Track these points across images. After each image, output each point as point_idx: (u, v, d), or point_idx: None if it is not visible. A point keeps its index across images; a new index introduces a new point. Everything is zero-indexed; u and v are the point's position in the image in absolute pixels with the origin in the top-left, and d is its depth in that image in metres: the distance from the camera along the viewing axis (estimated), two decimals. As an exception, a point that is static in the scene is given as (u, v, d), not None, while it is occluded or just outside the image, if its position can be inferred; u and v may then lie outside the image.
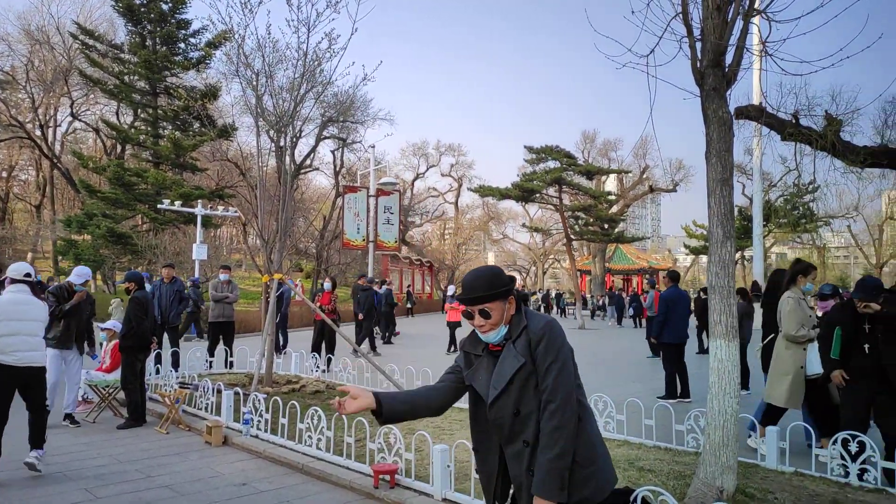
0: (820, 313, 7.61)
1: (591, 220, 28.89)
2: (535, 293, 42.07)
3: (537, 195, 26.26)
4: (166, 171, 27.18)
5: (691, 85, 5.08)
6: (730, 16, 4.74)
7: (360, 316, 14.99)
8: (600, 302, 35.78)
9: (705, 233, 39.75)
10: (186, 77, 28.67)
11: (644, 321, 25.65)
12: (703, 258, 47.65)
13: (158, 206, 22.03)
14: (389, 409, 2.37)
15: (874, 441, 5.21)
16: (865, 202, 43.14)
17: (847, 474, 5.19)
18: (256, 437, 6.67)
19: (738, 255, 41.41)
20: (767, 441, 5.72)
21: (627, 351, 17.91)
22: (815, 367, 6.21)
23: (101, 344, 9.23)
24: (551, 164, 27.17)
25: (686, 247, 46.02)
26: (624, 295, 34.58)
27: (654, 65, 4.98)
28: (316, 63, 9.66)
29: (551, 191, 26.36)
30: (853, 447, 5.15)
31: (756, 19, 5.05)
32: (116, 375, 8.14)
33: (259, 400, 6.87)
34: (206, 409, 7.75)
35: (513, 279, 2.55)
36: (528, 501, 2.34)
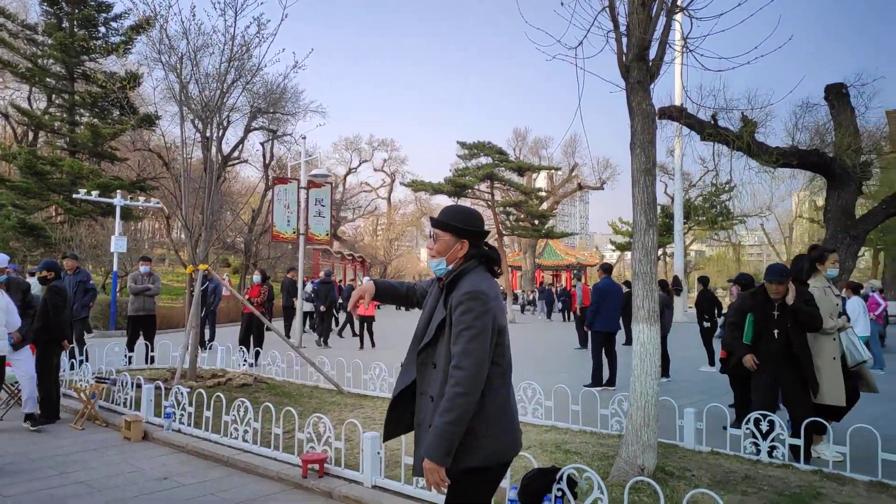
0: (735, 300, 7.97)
1: (522, 215, 29.36)
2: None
3: (469, 191, 26.49)
4: (83, 159, 25.82)
5: (617, 78, 5.25)
6: (654, 11, 4.92)
7: (323, 308, 15.57)
8: (530, 297, 36.46)
9: (630, 229, 41.17)
10: (106, 62, 27.30)
11: (573, 314, 26.36)
12: (629, 254, 49.30)
13: (74, 196, 20.87)
14: (382, 288, 2.78)
15: (783, 421, 5.55)
16: (777, 202, 45.59)
17: (758, 452, 5.49)
18: (179, 431, 6.44)
19: (660, 250, 43.07)
20: (685, 422, 5.97)
21: (556, 343, 18.33)
22: (858, 355, 5.86)
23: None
24: (483, 160, 27.44)
25: (612, 243, 47.51)
26: (554, 290, 35.34)
27: (582, 57, 5.11)
28: (244, 49, 9.40)
29: (483, 186, 26.64)
30: (764, 426, 5.46)
31: (679, 16, 5.24)
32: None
33: (182, 393, 6.64)
34: (124, 404, 7.43)
35: (483, 233, 2.55)
36: (419, 455, 2.41)
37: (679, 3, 5.18)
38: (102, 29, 26.59)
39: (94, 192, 20.27)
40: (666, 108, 19.37)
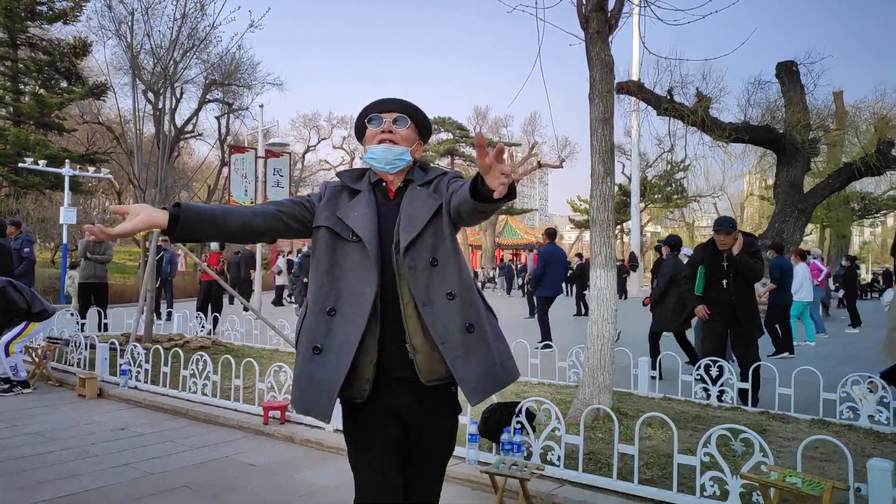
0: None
1: (483, 191, 29.46)
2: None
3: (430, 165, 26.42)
4: (29, 131, 24.83)
5: (576, 33, 5.31)
6: (612, -38, 4.98)
7: (306, 280, 15.44)
8: (490, 274, 36.73)
9: (588, 207, 41.72)
10: (52, 29, 26.20)
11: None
12: (587, 234, 50.03)
13: (20, 165, 20.10)
14: (188, 218, 1.79)
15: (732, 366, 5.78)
16: (729, 182, 46.78)
17: (709, 396, 5.71)
18: (136, 388, 6.35)
19: (616, 228, 43.82)
20: (640, 370, 6.16)
21: (514, 314, 18.57)
22: None
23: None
24: (444, 135, 27.37)
25: (571, 221, 48.08)
26: (514, 266, 35.68)
27: (542, 7, 5.15)
28: (198, 5, 9.16)
29: (444, 162, 26.61)
30: (714, 371, 5.67)
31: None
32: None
33: (138, 351, 6.53)
34: (77, 364, 7.27)
35: (426, 140, 2.30)
36: (482, 368, 1.91)
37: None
38: (48, -7, 25.49)
39: (42, 162, 19.56)
40: (624, 83, 19.69)
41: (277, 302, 19.40)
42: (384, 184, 2.07)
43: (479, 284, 33.81)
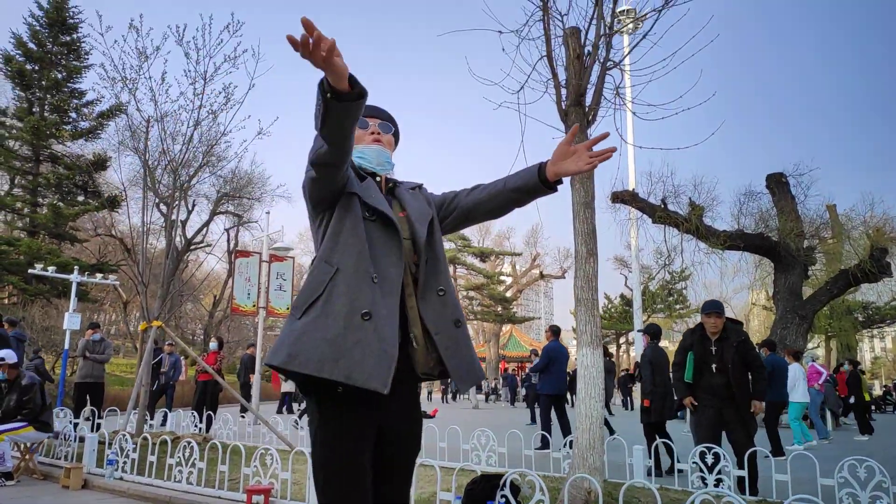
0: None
1: (486, 300, 29.66)
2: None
3: (433, 274, 26.84)
4: (42, 240, 25.55)
5: (556, 124, 5.69)
6: (586, 63, 5.44)
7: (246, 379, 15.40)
8: (494, 385, 36.07)
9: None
10: (74, 146, 27.62)
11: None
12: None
13: (30, 270, 20.54)
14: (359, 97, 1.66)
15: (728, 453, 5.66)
16: (733, 294, 47.02)
17: (706, 485, 5.55)
18: (121, 479, 6.22)
19: (621, 339, 43.49)
20: (634, 458, 6.02)
21: (515, 422, 18.13)
22: None
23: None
24: (448, 245, 28.00)
25: (574, 330, 47.78)
26: (518, 377, 35.12)
27: (524, 102, 5.55)
28: (211, 115, 9.79)
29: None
30: (710, 459, 5.55)
31: (614, 71, 5.77)
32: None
33: (126, 439, 6.45)
34: (65, 458, 7.15)
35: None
36: (470, 360, 1.99)
37: (612, 58, 5.72)
38: (73, 114, 27.09)
39: (51, 269, 19.99)
40: (619, 193, 20.37)
41: (283, 409, 18.98)
42: (377, 178, 2.12)
43: (483, 396, 33.35)
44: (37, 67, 25.95)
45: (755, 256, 23.05)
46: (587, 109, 5.42)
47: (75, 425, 9.89)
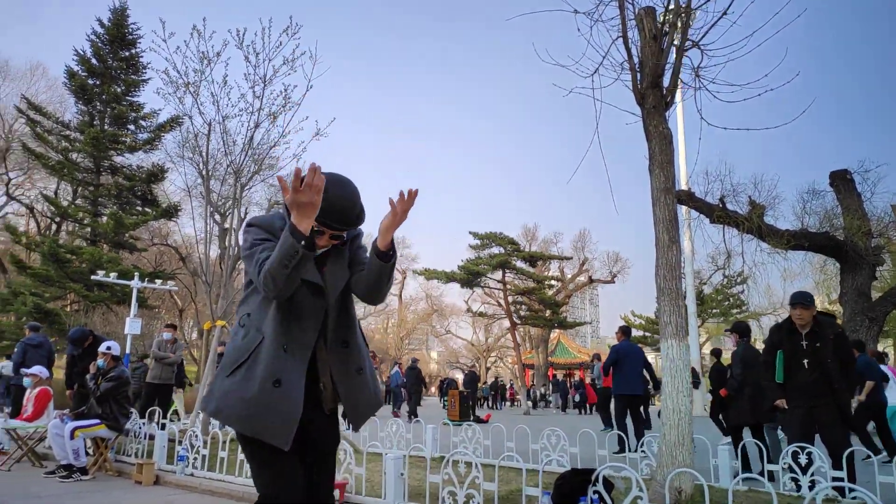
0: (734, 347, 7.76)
1: (535, 305, 29.30)
2: (484, 381, 41.76)
3: (482, 279, 26.63)
4: (103, 249, 26.39)
5: (629, 111, 5.48)
6: (664, 45, 5.22)
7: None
8: (543, 391, 35.58)
9: (643, 322, 40.73)
10: (133, 157, 28.51)
11: (593, 408, 25.57)
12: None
13: (93, 277, 21.23)
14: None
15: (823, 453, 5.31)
16: (789, 299, 45.28)
17: (799, 488, 5.22)
18: (192, 475, 6.23)
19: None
20: (720, 459, 5.73)
21: (576, 426, 17.75)
22: None
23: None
24: (496, 250, 27.78)
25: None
26: (568, 382, 34.60)
27: (598, 87, 5.36)
28: (271, 118, 9.87)
29: (497, 275, 26.80)
30: (802, 459, 5.22)
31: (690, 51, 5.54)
32: (39, 423, 7.57)
33: (196, 435, 6.47)
34: (136, 454, 7.22)
35: None
36: (365, 403, 2.37)
37: (690, 37, 5.49)
38: (132, 126, 27.96)
39: (113, 275, 20.61)
40: (675, 193, 19.78)
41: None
42: None
43: (530, 403, 33.00)
44: (98, 82, 26.90)
45: (818, 257, 22.13)
46: (664, 91, 5.20)
47: (142, 425, 10.10)
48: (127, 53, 27.74)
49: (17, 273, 25.93)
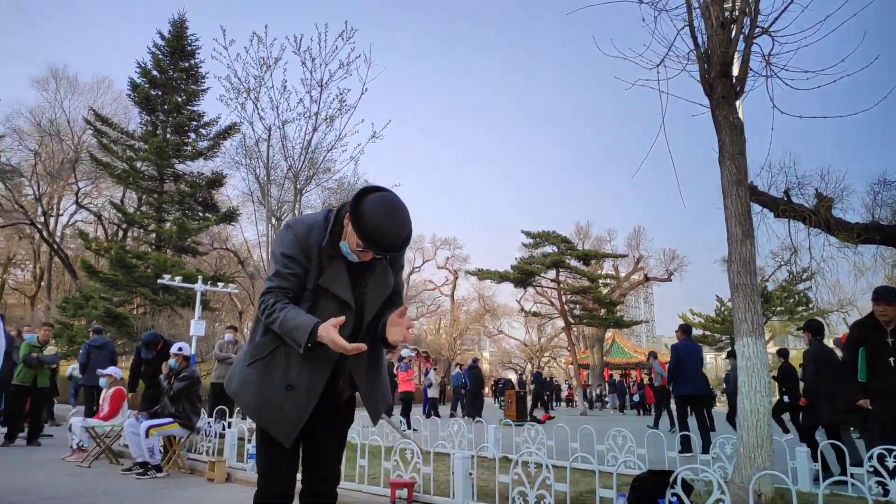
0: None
1: (590, 303, 28.88)
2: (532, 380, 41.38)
3: (534, 278, 26.42)
4: (167, 254, 27.36)
5: (698, 101, 5.32)
6: (733, 34, 5.04)
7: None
8: (599, 391, 34.99)
9: (702, 321, 39.64)
10: (193, 164, 29.46)
11: (651, 408, 25.05)
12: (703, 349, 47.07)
13: (159, 280, 22.05)
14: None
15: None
16: (859, 294, 43.35)
17: (887, 492, 4.96)
18: (261, 473, 6.36)
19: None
20: (798, 462, 5.50)
21: (637, 427, 17.43)
22: None
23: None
24: (549, 248, 27.52)
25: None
26: (625, 382, 33.96)
27: (664, 78, 5.22)
28: (328, 122, 10.01)
29: (551, 273, 26.54)
30: (890, 462, 4.96)
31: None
32: (115, 422, 7.87)
33: (265, 434, 6.60)
34: (207, 452, 7.43)
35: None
36: (381, 398, 2.47)
37: (759, 24, 5.29)
38: (192, 135, 28.89)
39: (178, 279, 21.32)
40: (736, 186, 19.21)
41: (430, 413, 19.35)
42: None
43: (587, 404, 32.53)
44: (160, 93, 27.91)
45: (891, 251, 21.10)
46: (734, 80, 5.03)
47: (210, 423, 10.40)
48: (186, 64, 28.69)
49: (88, 278, 27.15)
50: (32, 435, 9.42)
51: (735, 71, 5.04)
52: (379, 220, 2.09)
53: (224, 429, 7.41)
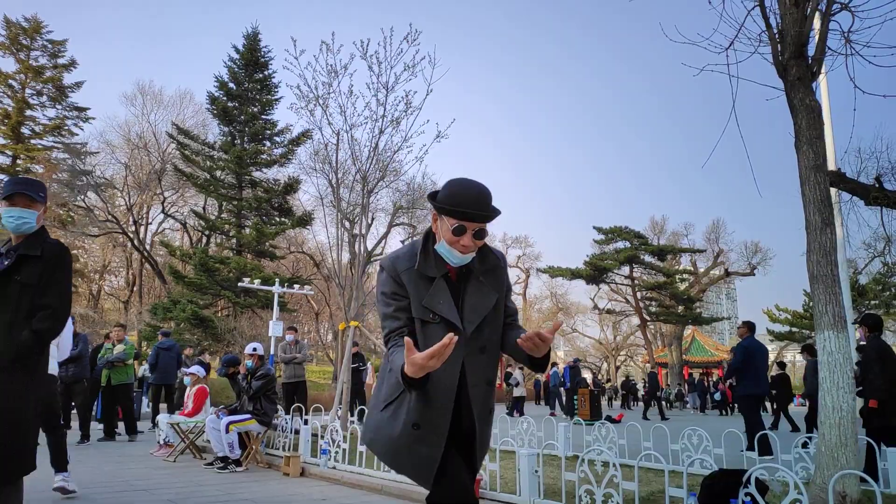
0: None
1: (666, 300, 28.03)
2: (608, 381, 40.54)
3: (608, 275, 25.89)
4: (247, 258, 28.48)
5: (774, 84, 5.07)
6: (808, 11, 4.79)
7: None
8: (678, 389, 33.88)
9: (789, 317, 37.76)
10: (269, 171, 30.53)
11: (734, 408, 24.07)
12: (788, 351, 44.88)
13: (239, 283, 23.03)
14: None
15: None
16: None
17: None
18: (334, 468, 6.53)
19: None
20: (890, 463, 5.16)
21: (718, 427, 16.78)
22: None
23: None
24: (621, 244, 26.91)
25: (770, 333, 43.45)
26: (706, 382, 32.76)
27: (733, 62, 5.02)
28: (394, 124, 10.13)
29: (625, 270, 25.94)
30: None
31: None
32: (199, 418, 8.26)
33: (337, 430, 6.78)
34: (283, 447, 7.69)
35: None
36: (481, 439, 2.31)
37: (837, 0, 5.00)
38: (267, 143, 29.96)
39: (257, 282, 22.14)
40: (821, 174, 18.24)
41: (512, 412, 19.52)
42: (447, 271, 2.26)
43: (666, 404, 31.55)
44: (236, 104, 29.08)
45: None
46: (810, 61, 4.77)
47: (287, 421, 10.75)
48: (260, 75, 29.77)
49: (175, 283, 28.62)
50: (130, 430, 10.08)
51: (811, 51, 4.78)
52: (460, 188, 2.11)
53: (300, 425, 7.64)
